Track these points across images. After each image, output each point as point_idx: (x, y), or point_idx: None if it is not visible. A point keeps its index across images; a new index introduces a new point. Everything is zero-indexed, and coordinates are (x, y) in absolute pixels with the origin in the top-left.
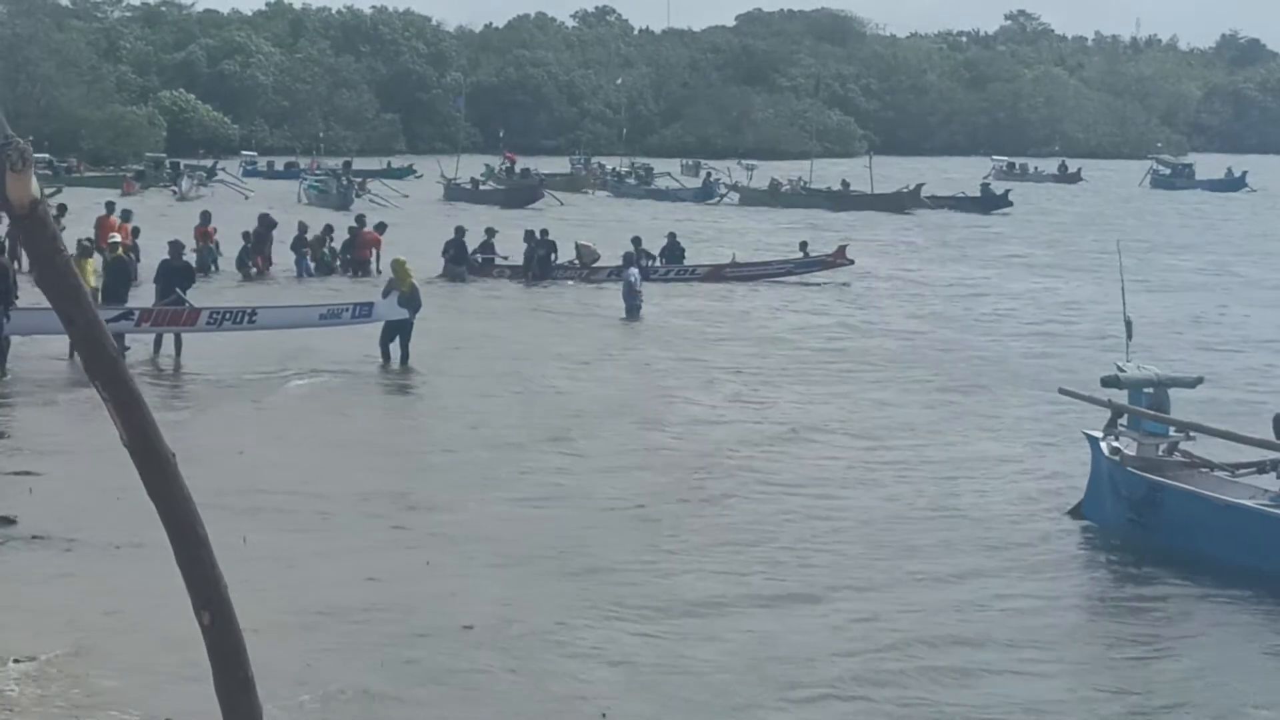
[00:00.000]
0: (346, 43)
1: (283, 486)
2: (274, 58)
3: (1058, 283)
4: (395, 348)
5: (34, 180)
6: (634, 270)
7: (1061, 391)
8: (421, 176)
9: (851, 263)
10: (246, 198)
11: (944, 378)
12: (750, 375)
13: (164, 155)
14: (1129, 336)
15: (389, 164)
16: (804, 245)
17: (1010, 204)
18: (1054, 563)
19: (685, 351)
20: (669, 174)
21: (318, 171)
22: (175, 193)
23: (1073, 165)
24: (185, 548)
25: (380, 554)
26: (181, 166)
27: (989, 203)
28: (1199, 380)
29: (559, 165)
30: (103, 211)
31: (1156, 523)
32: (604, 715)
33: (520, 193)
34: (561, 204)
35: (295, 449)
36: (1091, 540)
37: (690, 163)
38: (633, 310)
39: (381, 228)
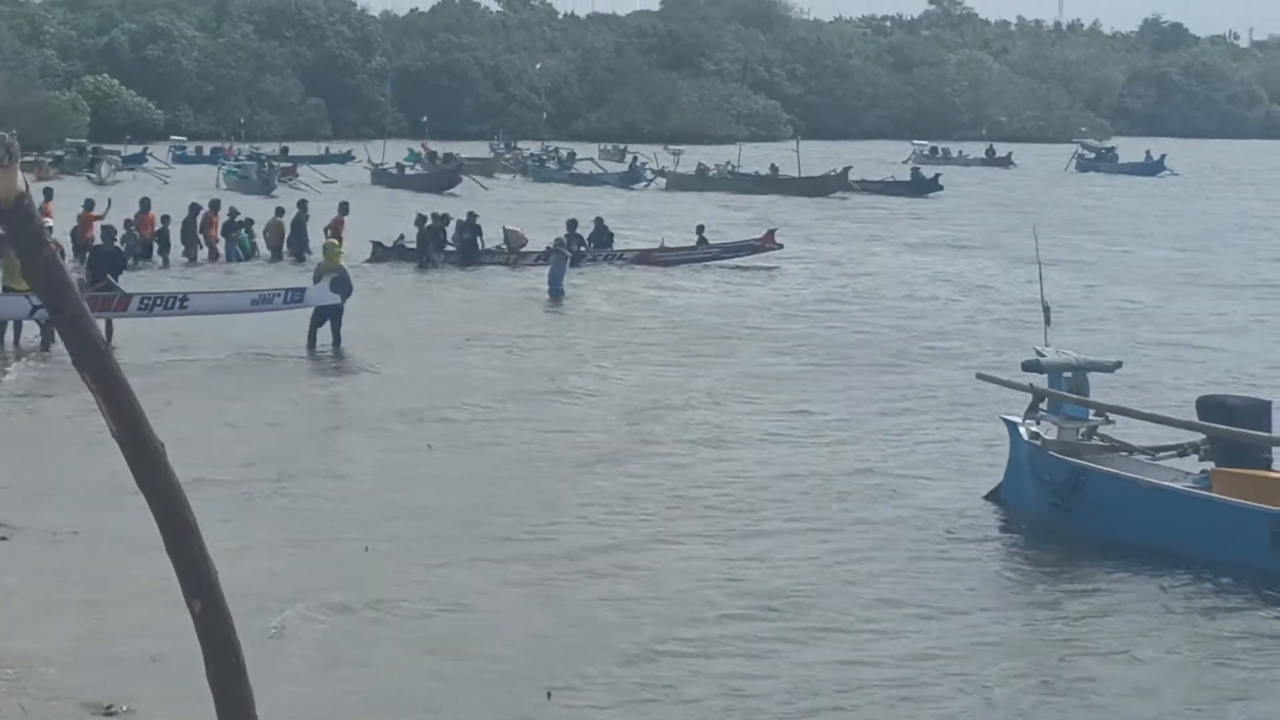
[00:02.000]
0: (271, 27)
1: (218, 471)
2: (198, 42)
3: (981, 266)
4: (325, 332)
5: (19, 174)
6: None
7: (979, 376)
8: (359, 161)
9: (780, 246)
10: (165, 182)
11: (862, 360)
12: (666, 356)
13: (85, 141)
14: (1047, 321)
15: (327, 149)
16: (700, 229)
17: (940, 188)
18: (971, 547)
19: (605, 333)
20: (590, 159)
21: (237, 156)
22: (93, 179)
23: (1000, 149)
24: (175, 536)
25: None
26: (97, 151)
27: (919, 186)
28: (1118, 364)
29: (484, 150)
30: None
31: (1079, 506)
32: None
33: (440, 177)
34: (485, 189)
35: (226, 436)
36: (1011, 524)
37: (611, 147)
38: (556, 294)
39: (344, 208)
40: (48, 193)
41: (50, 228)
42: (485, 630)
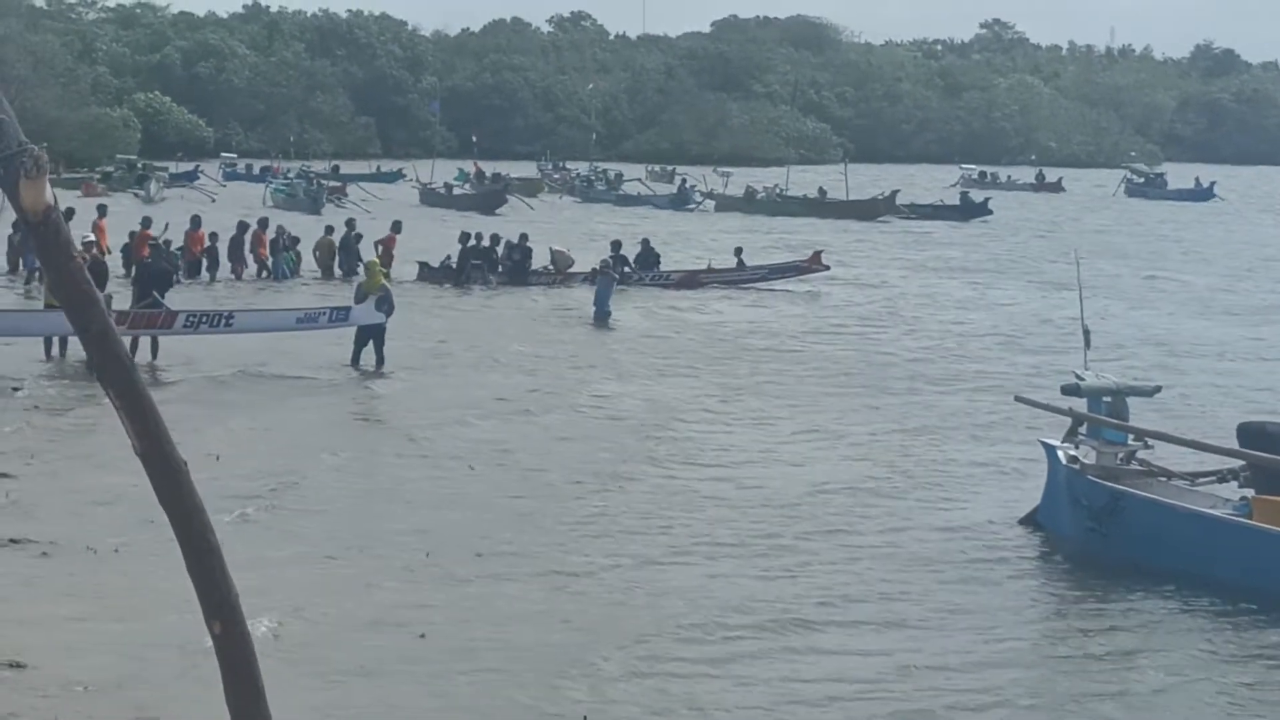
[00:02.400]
0: (322, 46)
1: (257, 490)
2: (249, 60)
3: (1025, 290)
4: (369, 351)
5: (48, 187)
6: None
7: (1018, 399)
8: (410, 181)
9: (826, 269)
10: (213, 200)
11: (900, 381)
12: (703, 375)
13: (134, 158)
14: (1087, 345)
15: (378, 168)
16: (738, 251)
17: (990, 212)
18: (1005, 568)
19: (645, 353)
20: (638, 180)
21: (285, 175)
22: (139, 195)
23: (1050, 175)
24: (196, 556)
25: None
26: (146, 168)
27: (968, 211)
28: (1157, 389)
29: (532, 171)
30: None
31: (1117, 531)
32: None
33: (487, 197)
34: (532, 209)
35: (270, 452)
36: (1047, 548)
37: (658, 168)
38: (602, 316)
39: (397, 227)
40: (101, 209)
41: (94, 243)
42: (498, 645)
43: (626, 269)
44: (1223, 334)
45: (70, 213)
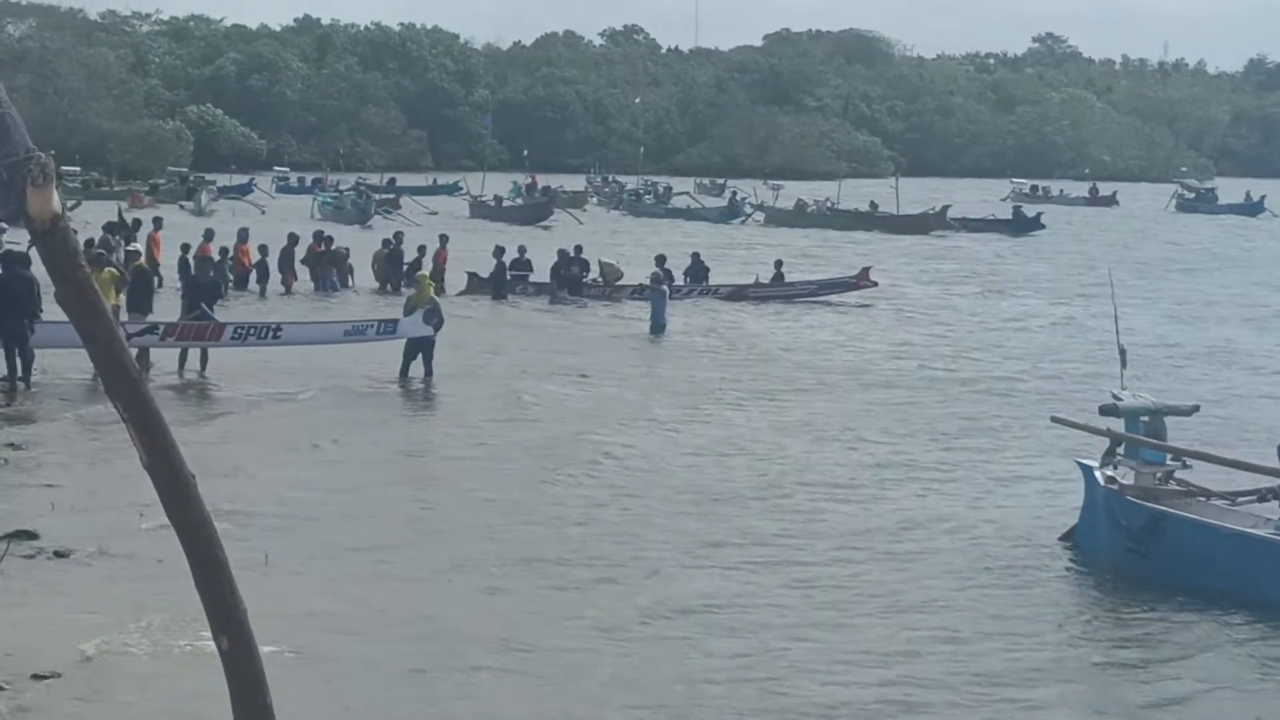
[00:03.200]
0: (374, 59)
1: (306, 503)
2: (302, 73)
3: (1073, 306)
4: (418, 364)
5: (55, 195)
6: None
7: (1054, 420)
8: (464, 194)
9: (875, 284)
10: (263, 213)
11: (940, 398)
12: (747, 392)
13: (186, 170)
14: (1123, 365)
15: (434, 180)
16: (779, 264)
17: (1042, 226)
18: (1042, 590)
19: (694, 368)
20: (686, 193)
21: (335, 187)
22: (186, 208)
23: (1103, 189)
24: (203, 571)
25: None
26: (196, 180)
27: (1020, 225)
28: (1195, 408)
29: (581, 184)
30: (151, 228)
31: (1156, 552)
32: None
33: (533, 210)
34: (580, 223)
35: (318, 466)
36: (1084, 568)
37: (708, 181)
38: (658, 327)
39: (444, 240)
40: (157, 222)
41: (138, 251)
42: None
43: (674, 282)
44: (1268, 350)
45: (137, 224)
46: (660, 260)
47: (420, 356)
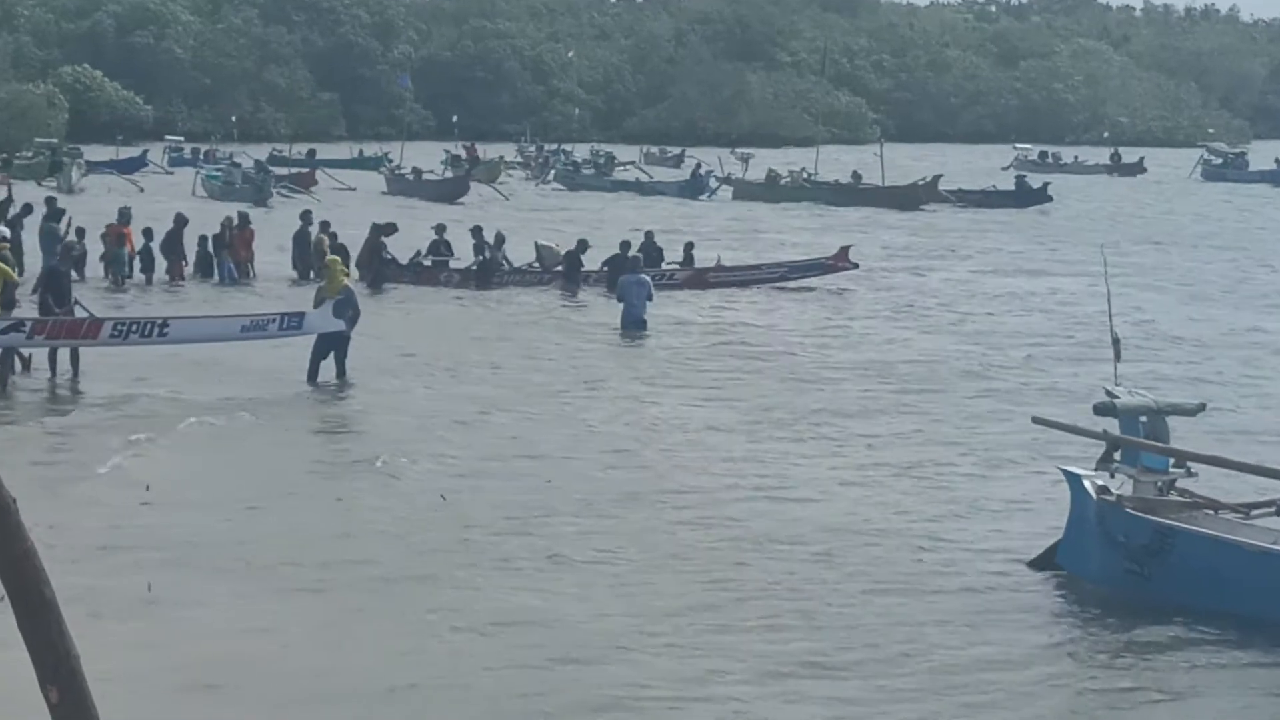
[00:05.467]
0: (277, 11)
1: (196, 528)
2: (193, 28)
3: (1074, 288)
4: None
5: None
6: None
7: (1035, 420)
8: (397, 166)
9: (855, 266)
10: (141, 190)
11: (918, 395)
12: (708, 388)
13: (55, 140)
14: (1117, 357)
15: (360, 152)
16: (689, 247)
17: (1049, 198)
18: (1030, 620)
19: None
20: (632, 164)
21: (236, 161)
22: (51, 185)
23: (1126, 155)
24: (27, 611)
25: (296, 602)
26: (58, 152)
27: (1024, 197)
28: (1201, 407)
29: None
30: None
31: (1163, 573)
32: None
33: (449, 185)
34: (506, 198)
35: (209, 485)
36: (1073, 594)
37: (657, 150)
38: (633, 324)
39: (390, 229)
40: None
41: (5, 238)
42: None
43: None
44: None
45: (27, 209)
46: (625, 246)
47: (332, 356)
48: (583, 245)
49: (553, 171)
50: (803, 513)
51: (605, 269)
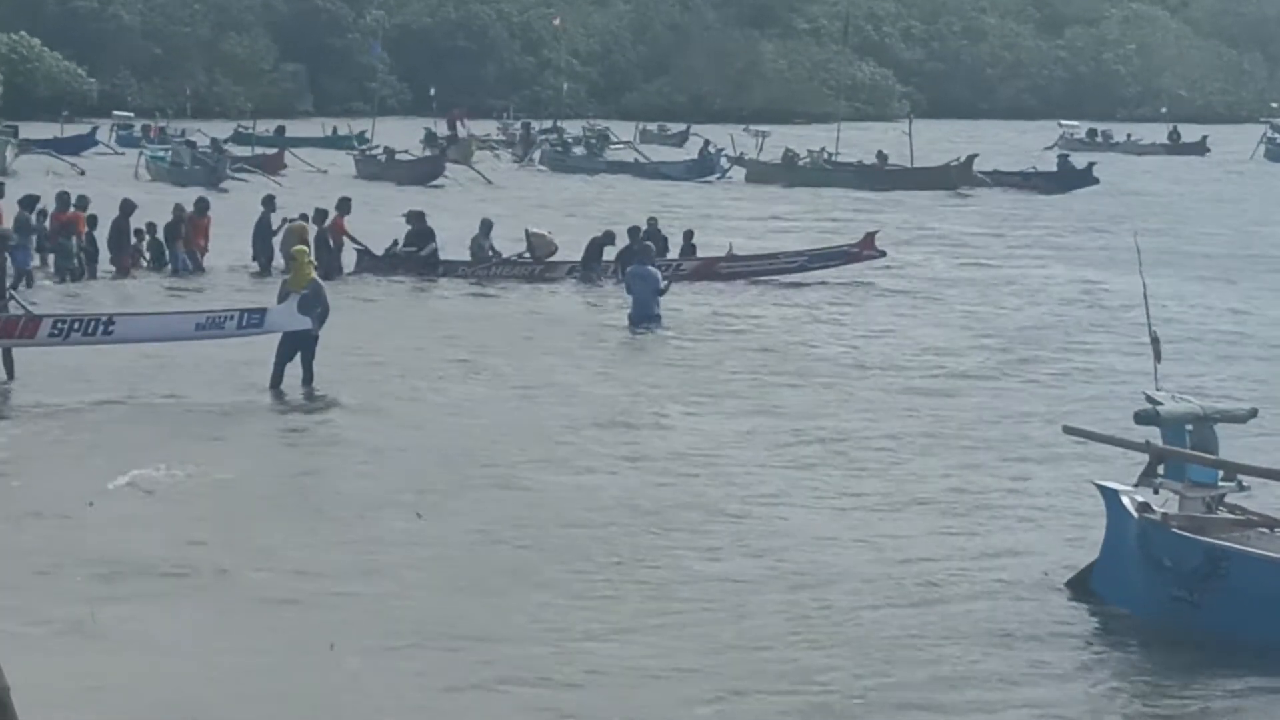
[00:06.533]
0: None
1: (144, 548)
2: None
3: (1116, 282)
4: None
5: None
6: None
7: (1067, 430)
8: (374, 146)
9: (881, 254)
10: (81, 173)
11: (939, 398)
12: (720, 394)
13: None
14: (1157, 357)
15: (334, 130)
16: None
17: (1095, 181)
18: (1067, 656)
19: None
20: (627, 143)
21: (189, 139)
22: None
23: (1186, 133)
24: None
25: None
26: None
27: (1066, 180)
28: (1253, 412)
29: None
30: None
31: (1216, 600)
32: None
33: (423, 166)
34: (489, 181)
35: (159, 502)
36: (1114, 625)
37: (655, 127)
38: (645, 319)
39: (345, 206)
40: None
41: None
42: None
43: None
44: None
45: None
46: (634, 233)
47: (299, 358)
48: (609, 236)
49: (538, 151)
50: (824, 530)
51: (615, 259)
